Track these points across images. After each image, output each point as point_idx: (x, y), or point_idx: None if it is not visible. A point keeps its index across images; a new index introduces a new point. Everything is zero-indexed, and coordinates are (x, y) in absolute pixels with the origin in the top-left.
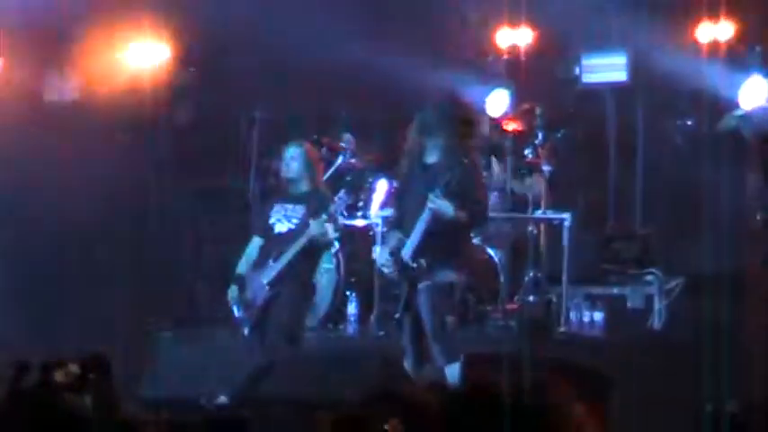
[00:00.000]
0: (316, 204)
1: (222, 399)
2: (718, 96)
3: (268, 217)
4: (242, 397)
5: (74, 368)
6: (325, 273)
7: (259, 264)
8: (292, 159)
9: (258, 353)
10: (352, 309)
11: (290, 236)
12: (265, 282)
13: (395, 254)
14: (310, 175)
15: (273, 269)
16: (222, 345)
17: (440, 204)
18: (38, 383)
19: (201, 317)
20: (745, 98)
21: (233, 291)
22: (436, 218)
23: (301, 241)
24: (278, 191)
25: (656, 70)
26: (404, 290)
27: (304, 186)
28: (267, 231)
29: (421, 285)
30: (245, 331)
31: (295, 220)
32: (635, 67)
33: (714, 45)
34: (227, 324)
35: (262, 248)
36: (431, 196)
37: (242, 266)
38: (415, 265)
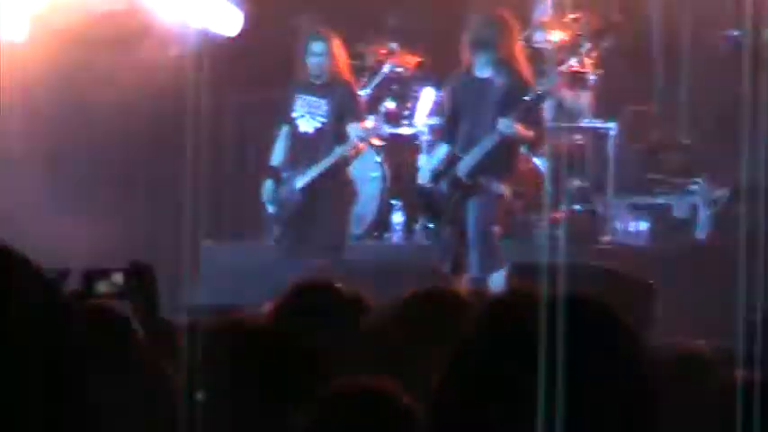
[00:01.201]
0: (339, 100)
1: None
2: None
3: (292, 108)
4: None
5: (116, 277)
6: (371, 181)
7: (290, 161)
8: (315, 53)
9: (296, 259)
10: (397, 218)
11: (319, 138)
12: (298, 187)
13: (446, 171)
14: (333, 63)
15: (306, 176)
16: (268, 255)
17: (515, 130)
18: (79, 291)
19: (247, 228)
20: None
21: (268, 186)
22: (503, 139)
23: (332, 158)
24: (297, 78)
25: None
26: (451, 201)
27: (326, 76)
28: (292, 123)
29: (472, 198)
30: (277, 231)
31: (320, 119)
32: None
33: None
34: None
35: (289, 141)
36: (504, 121)
37: (275, 157)
38: (470, 182)
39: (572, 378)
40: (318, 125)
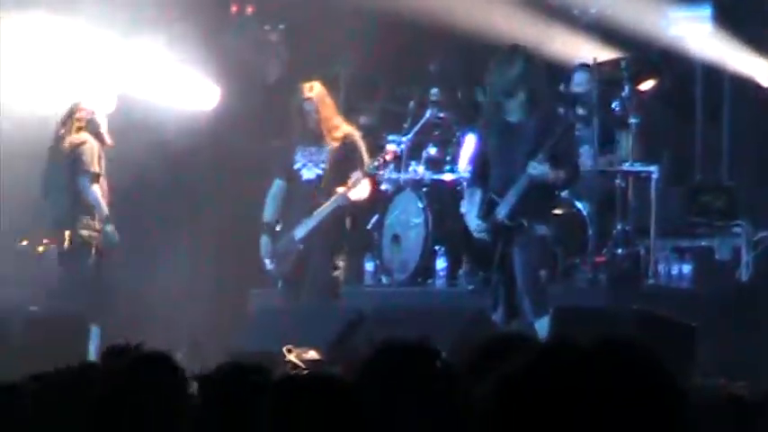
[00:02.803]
0: (343, 148)
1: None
2: None
3: (292, 161)
4: (332, 352)
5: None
6: (414, 227)
7: (288, 213)
8: (310, 103)
9: (297, 307)
10: (441, 263)
11: (320, 183)
12: (298, 237)
13: (486, 217)
14: (324, 111)
15: (306, 225)
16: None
17: (541, 170)
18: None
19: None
20: None
21: (264, 242)
22: (534, 180)
23: (334, 202)
24: (296, 134)
25: (741, 20)
26: (498, 247)
27: (320, 125)
28: (291, 175)
29: (516, 240)
30: (279, 284)
31: (323, 165)
32: (720, 18)
33: None
34: None
35: (288, 193)
36: (532, 163)
37: (268, 213)
38: (512, 224)
39: (614, 425)
40: (320, 172)
